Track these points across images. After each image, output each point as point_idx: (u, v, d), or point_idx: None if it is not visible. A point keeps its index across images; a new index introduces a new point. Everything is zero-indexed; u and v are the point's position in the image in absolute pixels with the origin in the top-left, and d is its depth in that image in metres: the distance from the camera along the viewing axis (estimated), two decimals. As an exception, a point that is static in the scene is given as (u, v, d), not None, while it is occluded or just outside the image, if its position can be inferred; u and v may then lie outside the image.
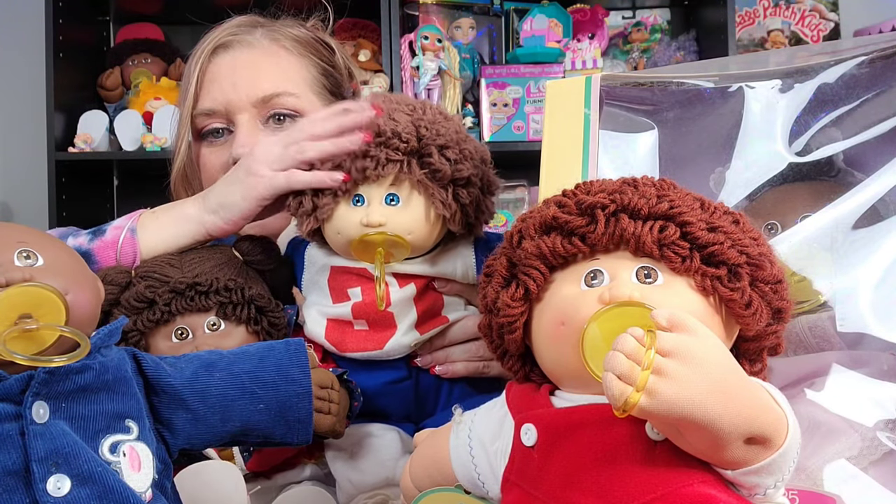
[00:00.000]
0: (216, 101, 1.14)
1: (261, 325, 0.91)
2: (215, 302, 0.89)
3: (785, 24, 2.66)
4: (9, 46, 2.65)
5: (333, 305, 0.93)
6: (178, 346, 0.87)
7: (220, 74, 1.14)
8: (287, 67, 1.17)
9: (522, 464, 0.64)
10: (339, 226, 0.88)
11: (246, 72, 1.14)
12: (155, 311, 0.87)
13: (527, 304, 0.65)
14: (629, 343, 0.53)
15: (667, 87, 0.90)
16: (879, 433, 0.73)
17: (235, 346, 0.85)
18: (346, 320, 0.92)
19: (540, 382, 0.67)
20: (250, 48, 1.16)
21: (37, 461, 0.61)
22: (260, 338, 0.91)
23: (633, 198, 0.63)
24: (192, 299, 0.88)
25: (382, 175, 0.85)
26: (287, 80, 1.16)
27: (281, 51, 1.18)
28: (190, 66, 1.16)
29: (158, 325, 0.88)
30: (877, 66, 0.84)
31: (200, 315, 0.89)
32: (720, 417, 0.52)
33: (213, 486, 0.80)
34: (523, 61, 2.34)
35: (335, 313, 0.92)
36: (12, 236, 0.66)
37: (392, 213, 0.86)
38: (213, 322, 0.89)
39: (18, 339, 0.61)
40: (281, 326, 0.93)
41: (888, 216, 0.79)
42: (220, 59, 1.15)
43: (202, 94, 1.14)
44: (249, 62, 1.15)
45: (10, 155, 2.69)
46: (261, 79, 1.14)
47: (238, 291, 0.89)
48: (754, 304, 0.61)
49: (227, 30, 1.18)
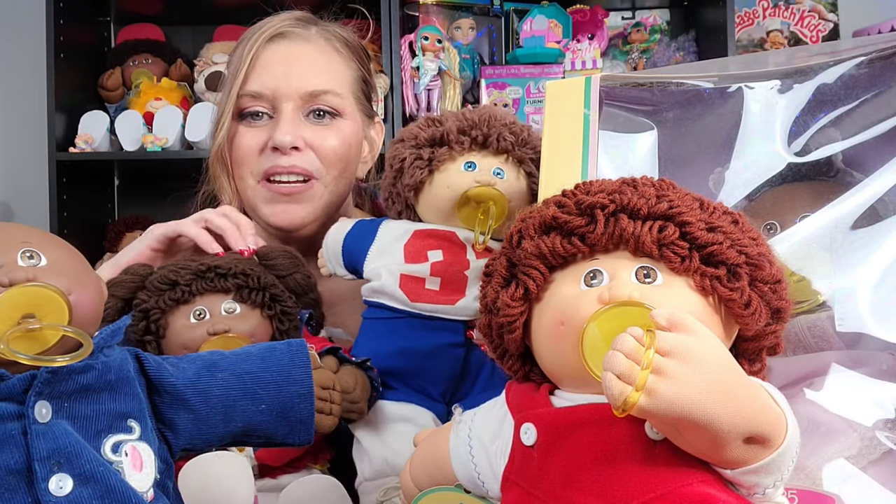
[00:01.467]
0: (265, 86, 1.17)
1: (274, 311, 0.96)
2: (233, 285, 0.94)
3: (784, 24, 2.66)
4: (10, 47, 2.65)
5: (409, 264, 0.97)
6: (194, 326, 0.93)
7: (273, 61, 1.18)
8: (336, 68, 1.22)
9: (522, 463, 0.64)
10: (450, 180, 0.95)
11: (299, 64, 1.19)
12: (176, 291, 0.93)
13: (526, 304, 0.66)
14: (628, 343, 0.53)
15: (666, 88, 0.90)
16: (878, 433, 0.73)
17: (249, 330, 0.94)
18: (420, 278, 0.96)
19: (540, 382, 0.68)
20: (306, 42, 1.21)
21: (39, 461, 0.61)
22: (273, 324, 0.97)
23: (633, 198, 0.63)
24: (212, 280, 0.94)
25: (498, 150, 0.95)
26: (334, 80, 1.21)
27: (332, 51, 1.23)
28: (242, 48, 1.19)
29: (179, 305, 0.94)
30: (876, 66, 0.84)
31: (219, 297, 0.94)
32: (719, 417, 0.52)
33: (221, 476, 0.81)
34: (523, 62, 2.34)
35: (410, 270, 0.96)
36: (16, 236, 0.66)
37: (498, 182, 0.95)
38: (230, 305, 0.94)
39: (21, 339, 0.61)
40: (293, 316, 0.99)
41: (887, 216, 0.79)
42: (275, 46, 1.19)
43: (252, 76, 1.18)
44: (304, 55, 1.20)
45: (11, 155, 2.69)
46: (312, 74, 1.19)
47: (255, 278, 0.95)
48: (753, 303, 0.62)
49: (285, 20, 1.22)
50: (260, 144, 1.18)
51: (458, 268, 0.95)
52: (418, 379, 0.97)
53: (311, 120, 1.19)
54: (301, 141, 1.17)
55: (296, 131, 1.17)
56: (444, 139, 0.95)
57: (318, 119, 1.19)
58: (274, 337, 0.98)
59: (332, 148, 1.19)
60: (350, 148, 1.22)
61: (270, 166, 1.18)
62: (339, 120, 1.21)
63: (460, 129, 0.95)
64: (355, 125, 1.23)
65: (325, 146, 1.19)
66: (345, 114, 1.21)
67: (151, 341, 0.94)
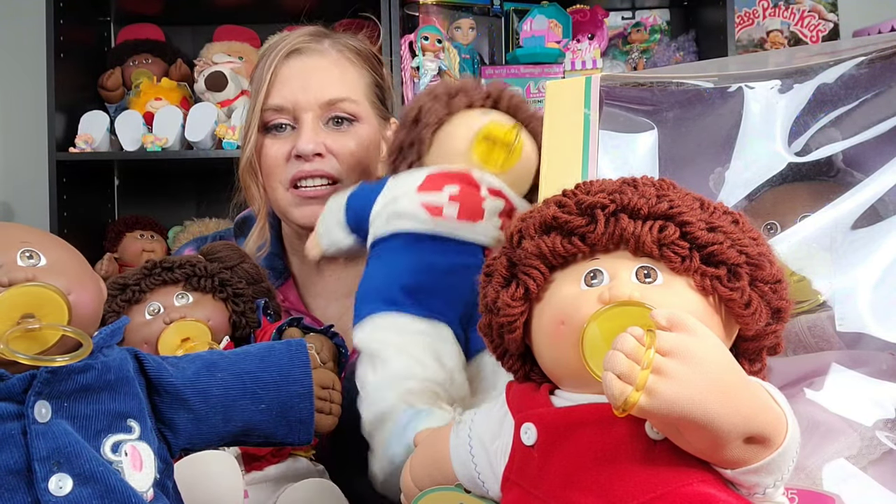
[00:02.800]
0: (286, 100, 1.26)
1: (227, 293, 0.99)
2: (181, 275, 0.97)
3: (784, 24, 2.67)
4: (10, 47, 2.65)
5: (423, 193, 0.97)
6: (150, 321, 0.95)
7: (291, 76, 1.27)
8: (350, 77, 1.30)
9: (522, 463, 0.64)
10: (469, 121, 0.98)
11: (315, 76, 1.27)
12: (127, 292, 0.96)
13: (527, 304, 0.65)
14: (629, 342, 0.53)
15: (666, 88, 0.90)
16: (878, 432, 0.73)
17: (205, 315, 0.96)
18: (438, 205, 0.96)
19: (540, 382, 0.68)
20: (320, 56, 1.29)
21: (39, 460, 0.61)
22: (228, 307, 0.99)
23: (633, 198, 0.63)
24: (160, 275, 0.96)
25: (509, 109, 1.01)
26: (349, 88, 1.29)
27: (345, 61, 1.31)
28: (263, 66, 1.28)
29: (132, 305, 0.96)
30: (876, 66, 0.84)
31: (169, 289, 0.97)
32: (719, 417, 0.52)
33: (210, 475, 0.81)
34: (523, 62, 2.34)
35: (427, 199, 0.96)
36: (15, 236, 0.66)
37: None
38: (182, 296, 0.97)
39: (21, 339, 0.61)
40: (246, 298, 1.01)
41: (887, 216, 0.79)
42: (292, 62, 1.28)
43: (273, 91, 1.26)
44: (319, 68, 1.28)
45: (11, 155, 2.69)
46: (328, 84, 1.27)
47: (201, 266, 0.99)
48: (754, 303, 0.62)
49: (299, 37, 1.30)
50: (285, 154, 1.26)
51: (474, 199, 0.95)
52: (437, 298, 0.95)
53: (331, 127, 1.27)
54: (322, 147, 1.25)
55: (317, 139, 1.25)
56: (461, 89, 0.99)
57: (337, 126, 1.28)
58: (231, 319, 1.01)
59: (352, 151, 1.27)
60: (368, 150, 1.29)
61: (296, 172, 1.25)
62: (357, 125, 1.29)
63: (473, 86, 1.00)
64: (372, 128, 1.31)
65: (345, 151, 1.26)
66: (361, 119, 1.29)
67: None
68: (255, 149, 1.29)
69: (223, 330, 0.99)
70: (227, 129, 2.25)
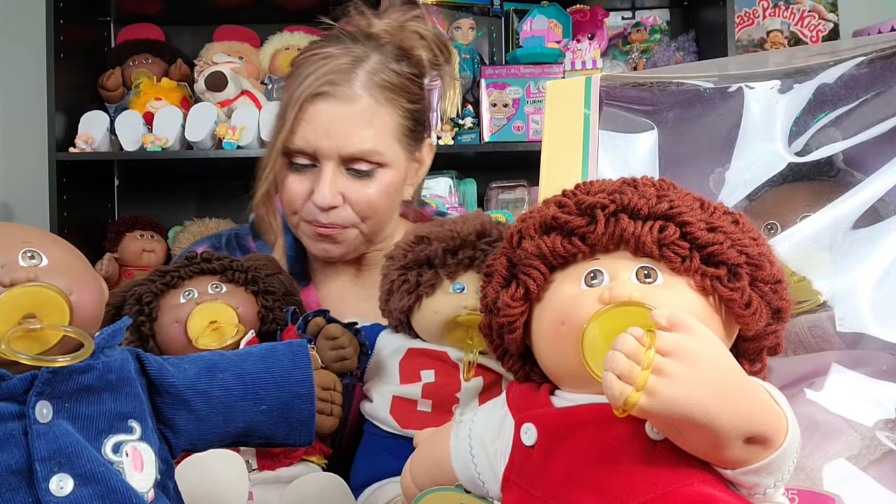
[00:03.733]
0: (308, 143, 1.20)
1: (258, 288, 1.04)
2: (219, 266, 1.03)
3: (784, 24, 2.67)
4: (10, 47, 2.65)
5: (401, 385, 0.99)
6: (184, 304, 1.00)
7: (316, 120, 1.20)
8: (378, 124, 1.22)
9: (522, 463, 0.64)
10: (438, 305, 0.95)
11: (340, 126, 1.20)
12: (167, 277, 1.02)
13: (527, 304, 0.66)
14: (629, 343, 0.53)
15: (666, 88, 0.90)
16: (879, 433, 0.73)
17: (235, 303, 1.00)
18: (412, 400, 0.98)
19: (540, 382, 0.68)
20: (349, 103, 1.20)
21: (39, 461, 0.61)
22: (258, 300, 1.04)
23: (633, 198, 0.63)
24: (199, 265, 1.03)
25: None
26: (376, 138, 1.21)
27: (376, 105, 1.21)
28: (290, 99, 1.21)
29: (169, 289, 1.02)
30: (876, 66, 0.84)
31: (206, 278, 1.03)
32: (719, 417, 0.52)
33: (215, 475, 0.82)
34: (523, 62, 2.34)
35: (402, 392, 0.98)
36: (17, 236, 0.66)
37: None
38: (216, 285, 1.02)
39: (22, 339, 0.61)
40: (276, 296, 1.06)
41: (887, 216, 0.79)
42: (319, 104, 1.20)
43: (297, 130, 1.20)
44: (344, 117, 1.20)
45: (11, 155, 2.69)
46: (353, 135, 1.20)
47: (238, 262, 1.05)
48: (754, 303, 0.62)
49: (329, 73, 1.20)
50: (304, 194, 1.23)
51: (448, 390, 0.96)
52: None
53: (353, 175, 1.22)
54: (339, 199, 1.21)
55: (335, 189, 1.20)
56: (431, 262, 0.95)
57: (358, 175, 1.22)
58: (260, 313, 1.04)
59: (369, 200, 1.22)
60: (389, 196, 1.25)
61: (312, 219, 1.23)
62: (381, 171, 1.23)
63: (447, 250, 0.94)
64: (397, 171, 1.25)
65: (363, 200, 1.22)
66: (387, 164, 1.23)
67: (145, 322, 1.01)
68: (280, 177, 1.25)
69: (251, 321, 1.02)
70: (227, 129, 2.25)
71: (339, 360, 0.94)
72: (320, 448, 1.01)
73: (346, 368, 0.95)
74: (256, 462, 0.96)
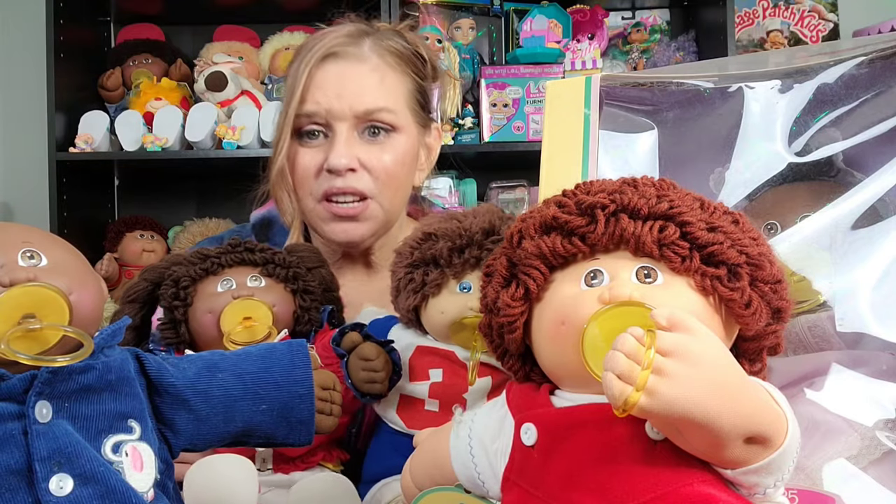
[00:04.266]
0: (319, 106, 1.19)
1: (297, 286, 1.01)
2: (260, 258, 1.00)
3: (784, 24, 2.67)
4: (10, 47, 2.65)
5: (410, 384, 0.98)
6: (221, 294, 0.97)
7: (327, 82, 1.20)
8: (389, 84, 1.23)
9: (522, 463, 0.64)
10: (443, 305, 0.93)
11: (352, 84, 1.20)
12: (207, 262, 0.99)
13: (527, 304, 0.65)
14: (629, 342, 0.53)
15: (666, 88, 0.90)
16: (879, 433, 0.73)
17: (272, 300, 0.97)
18: (420, 399, 0.97)
19: (540, 382, 0.68)
20: (359, 62, 1.21)
21: (39, 461, 0.61)
22: (295, 300, 1.01)
23: (633, 198, 0.63)
24: (241, 254, 1.00)
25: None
26: (388, 97, 1.22)
27: (385, 67, 1.23)
28: (298, 68, 1.21)
29: (208, 275, 0.99)
30: (876, 66, 0.84)
31: (246, 269, 1.00)
32: (719, 417, 0.52)
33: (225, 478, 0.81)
34: (523, 62, 2.34)
35: (410, 391, 0.97)
36: (17, 236, 0.66)
37: None
38: (256, 278, 0.99)
39: (22, 339, 0.61)
40: (315, 295, 1.03)
41: (887, 216, 0.79)
42: (328, 66, 1.20)
43: (307, 97, 1.20)
44: (356, 75, 1.21)
45: (11, 155, 2.69)
46: (365, 93, 1.20)
47: (281, 256, 1.01)
48: (754, 303, 0.62)
49: (338, 38, 1.22)
50: (317, 165, 1.21)
51: (455, 390, 0.95)
52: None
53: (366, 138, 1.22)
54: (356, 162, 1.20)
55: (350, 152, 1.19)
56: (437, 261, 0.93)
57: (372, 137, 1.22)
58: (295, 313, 1.01)
59: (386, 167, 1.21)
60: (404, 165, 1.24)
61: (328, 187, 1.20)
62: (394, 136, 1.23)
63: (453, 249, 0.92)
64: (410, 139, 1.25)
65: (380, 166, 1.21)
66: (399, 129, 1.23)
67: (179, 307, 0.98)
68: (288, 156, 1.23)
69: (285, 320, 1.00)
70: (227, 129, 2.25)
71: (368, 382, 0.92)
72: (337, 454, 1.01)
73: (374, 391, 0.93)
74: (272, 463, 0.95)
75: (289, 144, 1.22)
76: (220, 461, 0.82)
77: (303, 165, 1.22)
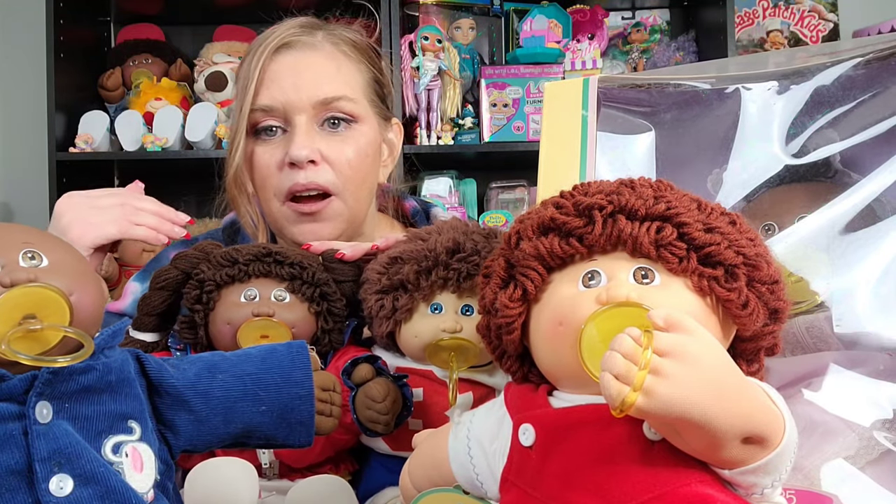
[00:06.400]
0: (275, 100, 1.15)
1: (322, 308, 0.98)
2: (287, 273, 0.96)
3: (784, 24, 2.67)
4: (10, 47, 2.65)
5: None
6: (243, 305, 0.94)
7: (281, 74, 1.15)
8: (347, 72, 1.19)
9: (521, 464, 0.64)
10: (416, 329, 0.93)
11: (308, 74, 1.15)
12: (234, 268, 0.95)
13: (525, 305, 0.66)
14: (626, 343, 0.53)
15: (664, 89, 0.90)
16: (876, 433, 0.73)
17: (293, 320, 0.95)
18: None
19: (538, 383, 0.68)
20: (313, 50, 1.18)
21: (39, 461, 0.61)
22: (318, 322, 0.98)
23: (631, 199, 0.63)
24: (269, 265, 0.96)
25: (461, 288, 0.91)
26: (346, 85, 1.17)
27: (341, 55, 1.19)
28: (250, 63, 1.17)
29: (234, 282, 0.95)
30: (873, 67, 0.84)
31: (272, 282, 0.96)
32: (717, 417, 0.52)
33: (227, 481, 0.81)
34: (523, 62, 2.35)
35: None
36: (17, 237, 0.66)
37: (466, 321, 0.91)
38: (281, 293, 0.96)
39: (22, 340, 0.61)
40: (339, 318, 0.99)
41: (885, 217, 0.79)
42: (282, 58, 1.16)
43: (262, 91, 1.15)
44: (312, 64, 1.17)
45: (11, 155, 2.69)
46: (322, 82, 1.15)
47: (311, 272, 0.97)
48: (751, 304, 0.62)
49: (289, 30, 1.19)
50: (277, 162, 1.16)
51: (437, 409, 0.94)
52: None
53: (327, 130, 1.17)
54: (317, 154, 1.15)
55: (311, 144, 1.14)
56: (405, 285, 0.92)
57: (333, 128, 1.17)
58: (316, 335, 0.99)
59: (349, 160, 1.17)
60: (367, 157, 1.20)
61: (291, 184, 1.15)
62: (355, 127, 1.18)
63: (419, 272, 0.91)
64: (372, 130, 1.21)
65: (342, 159, 1.16)
66: (360, 119, 1.18)
67: (200, 311, 0.96)
68: (245, 157, 1.17)
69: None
70: (227, 129, 2.25)
71: (371, 422, 0.90)
72: (345, 466, 1.00)
73: (376, 430, 0.91)
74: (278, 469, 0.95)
75: (245, 144, 1.17)
76: (220, 463, 0.82)
77: (262, 163, 1.17)
